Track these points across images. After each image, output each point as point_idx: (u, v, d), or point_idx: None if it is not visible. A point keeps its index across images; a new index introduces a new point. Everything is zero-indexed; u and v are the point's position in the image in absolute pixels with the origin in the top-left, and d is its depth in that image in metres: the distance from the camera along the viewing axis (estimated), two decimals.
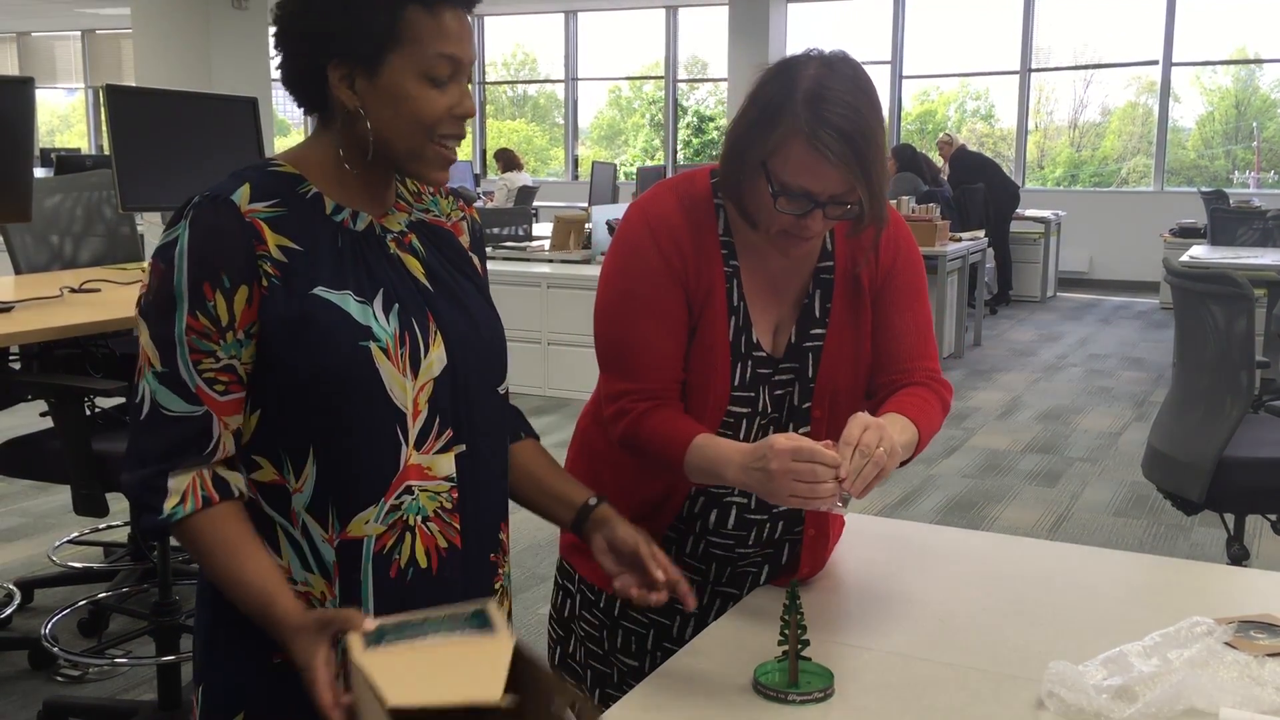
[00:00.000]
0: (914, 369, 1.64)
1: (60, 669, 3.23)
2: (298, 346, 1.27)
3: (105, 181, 3.84)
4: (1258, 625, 1.48)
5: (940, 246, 7.53)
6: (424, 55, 1.27)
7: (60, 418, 2.75)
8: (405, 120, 1.29)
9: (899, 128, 13.85)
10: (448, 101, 1.30)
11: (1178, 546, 4.37)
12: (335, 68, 1.28)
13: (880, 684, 1.37)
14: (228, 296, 1.25)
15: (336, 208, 1.34)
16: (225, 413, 1.28)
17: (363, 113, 1.29)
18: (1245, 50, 13.26)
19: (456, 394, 1.37)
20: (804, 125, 1.42)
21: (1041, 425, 6.25)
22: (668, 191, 1.62)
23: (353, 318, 1.29)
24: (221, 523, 1.27)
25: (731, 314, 1.59)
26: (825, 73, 1.45)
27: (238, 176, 1.31)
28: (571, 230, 7.28)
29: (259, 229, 1.27)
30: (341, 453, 1.30)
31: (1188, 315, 3.28)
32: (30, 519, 4.53)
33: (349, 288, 1.30)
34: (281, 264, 1.28)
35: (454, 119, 1.32)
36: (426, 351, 1.34)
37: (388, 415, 1.31)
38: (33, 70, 18.19)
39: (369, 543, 1.33)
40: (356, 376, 1.28)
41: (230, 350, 1.26)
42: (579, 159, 16.11)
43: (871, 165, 1.44)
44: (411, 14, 1.26)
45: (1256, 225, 8.02)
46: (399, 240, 1.38)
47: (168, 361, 1.26)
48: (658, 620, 1.73)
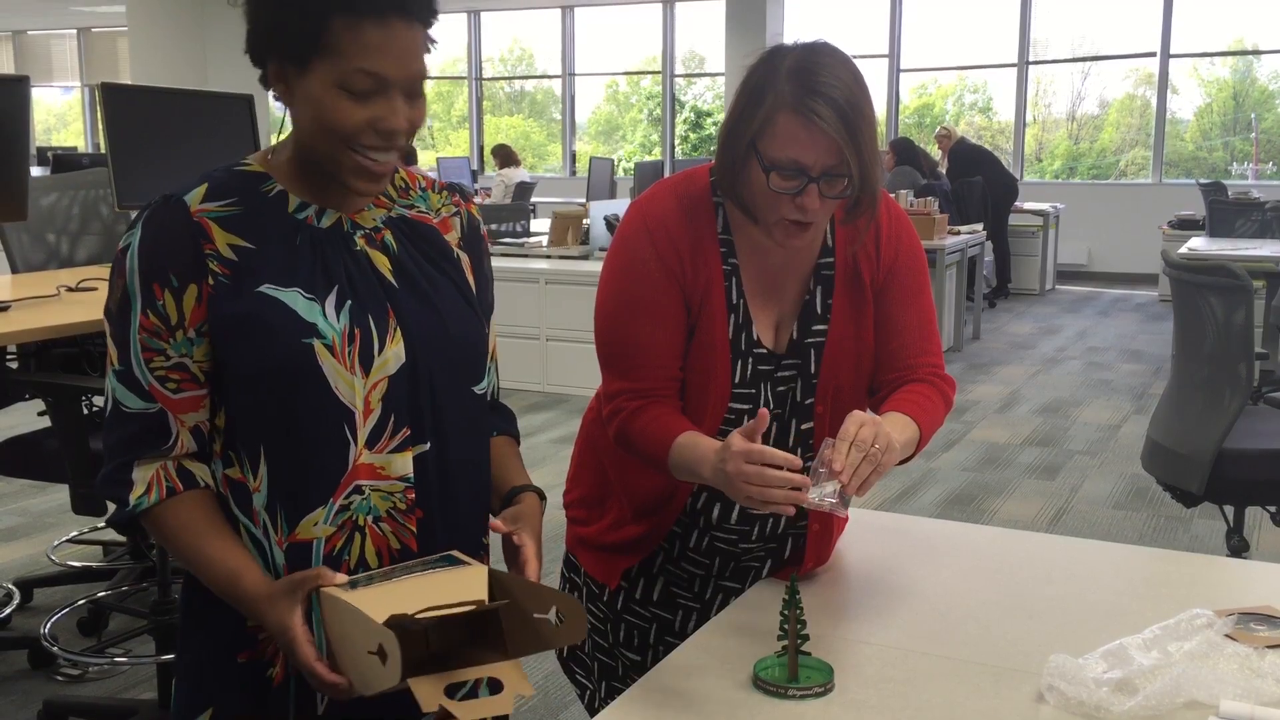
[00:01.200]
0: (917, 365, 1.64)
1: (60, 668, 3.23)
2: (243, 343, 1.28)
3: (101, 180, 3.83)
4: (1258, 617, 1.47)
5: (939, 240, 7.53)
6: (343, 67, 1.25)
7: (58, 416, 2.74)
8: (320, 127, 1.28)
9: (896, 121, 13.84)
10: (367, 114, 1.27)
11: (1177, 539, 4.37)
12: (272, 63, 1.29)
13: (880, 678, 1.37)
14: (176, 295, 1.27)
15: (301, 205, 1.34)
16: (180, 410, 1.29)
17: (292, 112, 1.30)
18: (1243, 41, 13.25)
19: (418, 392, 1.35)
20: (789, 96, 1.43)
21: (1041, 418, 6.25)
22: (667, 191, 1.62)
23: (298, 314, 1.29)
24: (186, 510, 1.29)
25: (731, 311, 1.59)
26: (808, 52, 1.47)
27: (202, 176, 1.33)
28: (569, 226, 7.27)
29: (206, 228, 1.29)
30: (289, 452, 1.30)
31: (1186, 307, 3.28)
32: (29, 518, 4.52)
33: (298, 285, 1.30)
34: (230, 262, 1.29)
35: (376, 132, 1.28)
36: (381, 348, 1.32)
37: (335, 413, 1.30)
38: (28, 68, 18.18)
39: (318, 545, 1.32)
40: (299, 373, 1.28)
41: (180, 349, 1.28)
42: (576, 154, 16.10)
43: (860, 133, 1.44)
44: (337, 24, 1.24)
45: (1255, 216, 8.02)
46: (369, 237, 1.37)
47: (124, 360, 1.29)
48: (660, 615, 1.73)
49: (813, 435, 1.66)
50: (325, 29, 1.24)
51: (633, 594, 1.74)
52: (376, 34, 1.25)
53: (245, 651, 1.34)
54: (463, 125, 17.16)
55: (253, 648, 1.34)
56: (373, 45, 1.25)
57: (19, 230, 3.68)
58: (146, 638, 3.31)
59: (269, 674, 1.34)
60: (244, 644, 1.34)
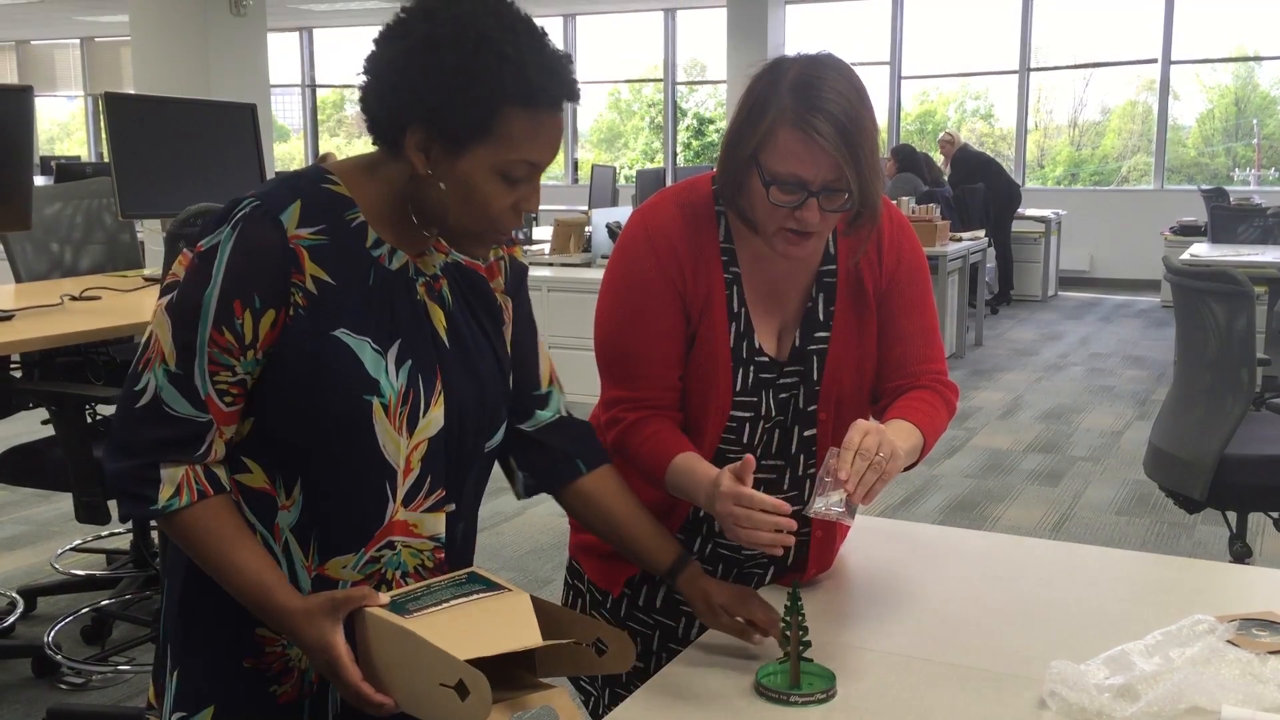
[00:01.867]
0: (920, 372, 1.64)
1: (63, 676, 3.23)
2: (308, 382, 1.26)
3: (105, 189, 3.84)
4: (1260, 623, 1.47)
5: (941, 247, 7.53)
6: (507, 157, 1.24)
7: (61, 425, 2.75)
8: (473, 207, 1.27)
9: (898, 128, 13.85)
10: (514, 198, 1.28)
11: (1180, 545, 4.37)
12: (416, 131, 1.24)
13: (882, 684, 1.37)
14: (256, 317, 1.24)
15: (377, 241, 1.31)
16: (226, 423, 1.28)
17: (432, 180, 1.26)
18: (1244, 48, 13.26)
19: (450, 455, 1.36)
20: (790, 110, 1.43)
21: (1043, 425, 6.24)
22: (669, 200, 1.62)
23: (364, 368, 1.28)
24: (215, 515, 1.27)
25: (732, 320, 1.60)
26: (811, 64, 1.47)
27: (292, 188, 1.28)
28: (571, 233, 7.28)
29: (299, 257, 1.25)
30: (326, 495, 1.30)
31: (1188, 313, 3.28)
32: (32, 527, 4.53)
33: (369, 334, 1.29)
34: (312, 295, 1.26)
35: (516, 213, 1.29)
36: (426, 410, 1.32)
37: (378, 470, 1.30)
38: (32, 78, 18.23)
39: (343, 585, 1.32)
40: (353, 428, 1.28)
41: (247, 367, 1.26)
42: (578, 162, 16.11)
43: (860, 149, 1.44)
44: (510, 113, 1.22)
45: (1257, 222, 8.02)
46: (429, 285, 1.36)
47: (184, 364, 1.25)
48: (662, 622, 1.73)
49: (815, 442, 1.66)
50: (497, 118, 1.22)
51: (635, 601, 1.74)
52: (548, 126, 1.25)
53: (250, 657, 1.34)
54: None
55: (258, 656, 1.34)
56: (541, 138, 1.25)
57: (23, 239, 3.68)
58: (150, 646, 3.31)
59: (273, 690, 1.34)
60: (249, 650, 1.34)
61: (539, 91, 1.22)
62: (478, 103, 1.21)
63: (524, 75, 1.21)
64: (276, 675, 1.34)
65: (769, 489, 1.66)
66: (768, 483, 1.67)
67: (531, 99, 1.22)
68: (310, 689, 1.36)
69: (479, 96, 1.21)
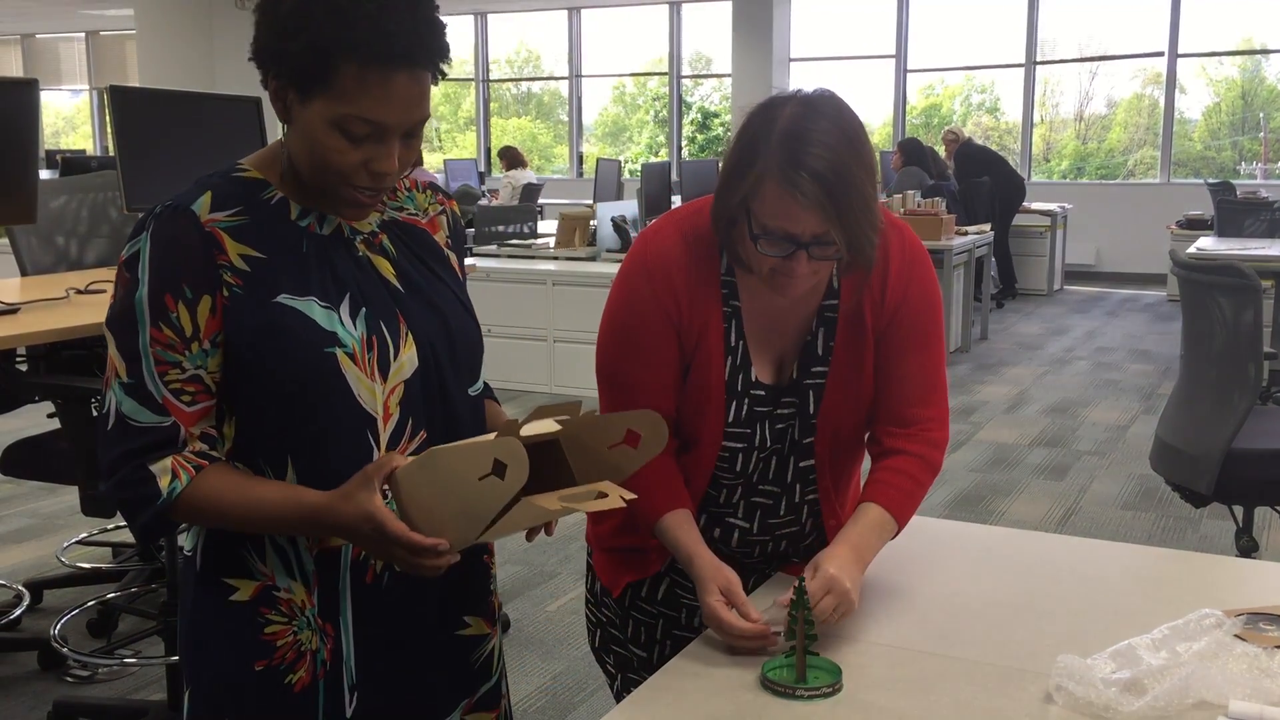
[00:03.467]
0: (910, 419, 1.62)
1: (70, 669, 3.24)
2: (264, 355, 1.27)
3: (110, 183, 3.84)
4: (1267, 617, 1.47)
5: (946, 241, 7.52)
6: (343, 111, 1.23)
7: (67, 419, 2.76)
8: (316, 160, 1.28)
9: (904, 122, 13.82)
10: (361, 156, 1.27)
11: (1186, 539, 4.36)
12: (271, 79, 1.27)
13: (888, 678, 1.37)
14: (190, 307, 1.26)
15: (302, 211, 1.33)
16: (191, 422, 1.29)
17: (287, 130, 1.29)
18: (1251, 41, 13.21)
19: (429, 395, 1.37)
20: (777, 166, 1.40)
21: (1049, 419, 6.23)
22: (672, 225, 1.60)
23: (317, 324, 1.29)
24: (218, 475, 1.28)
25: (728, 354, 1.59)
26: (803, 111, 1.43)
27: (201, 184, 1.31)
28: (576, 227, 7.27)
29: (219, 238, 1.27)
30: (315, 459, 1.31)
31: (1195, 307, 3.27)
32: (38, 520, 4.54)
33: (313, 293, 1.30)
34: (244, 273, 1.28)
35: (368, 173, 1.28)
36: (396, 354, 1.33)
37: (358, 420, 1.31)
38: (37, 72, 18.25)
39: (346, 550, 1.34)
40: (324, 383, 1.28)
41: (196, 360, 1.27)
42: (583, 156, 16.10)
43: (847, 206, 1.40)
44: (343, 66, 1.22)
45: (1264, 216, 7.99)
46: (368, 241, 1.37)
47: (134, 373, 1.27)
48: (666, 612, 1.73)
49: (813, 471, 1.66)
50: (331, 69, 1.22)
51: (639, 593, 1.74)
52: (380, 84, 1.23)
53: (261, 660, 1.34)
54: (469, 127, 17.17)
55: (268, 656, 1.34)
56: (376, 95, 1.23)
57: (28, 233, 3.69)
58: (156, 639, 3.32)
59: (288, 681, 1.35)
60: (260, 652, 1.34)
61: (364, 45, 1.21)
62: (309, 51, 1.22)
63: (351, 28, 1.21)
64: (290, 664, 1.35)
65: (765, 514, 1.66)
66: (764, 508, 1.67)
67: (356, 52, 1.21)
68: (324, 668, 1.36)
69: (309, 45, 1.22)
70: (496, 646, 1.54)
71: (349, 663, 1.37)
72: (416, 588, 1.39)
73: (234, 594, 1.34)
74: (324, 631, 1.35)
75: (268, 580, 1.34)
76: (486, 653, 1.51)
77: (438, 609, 1.43)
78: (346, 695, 1.37)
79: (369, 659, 1.38)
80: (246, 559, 1.34)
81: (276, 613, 1.34)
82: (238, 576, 1.34)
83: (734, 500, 1.66)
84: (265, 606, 1.34)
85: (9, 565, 4.05)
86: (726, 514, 1.67)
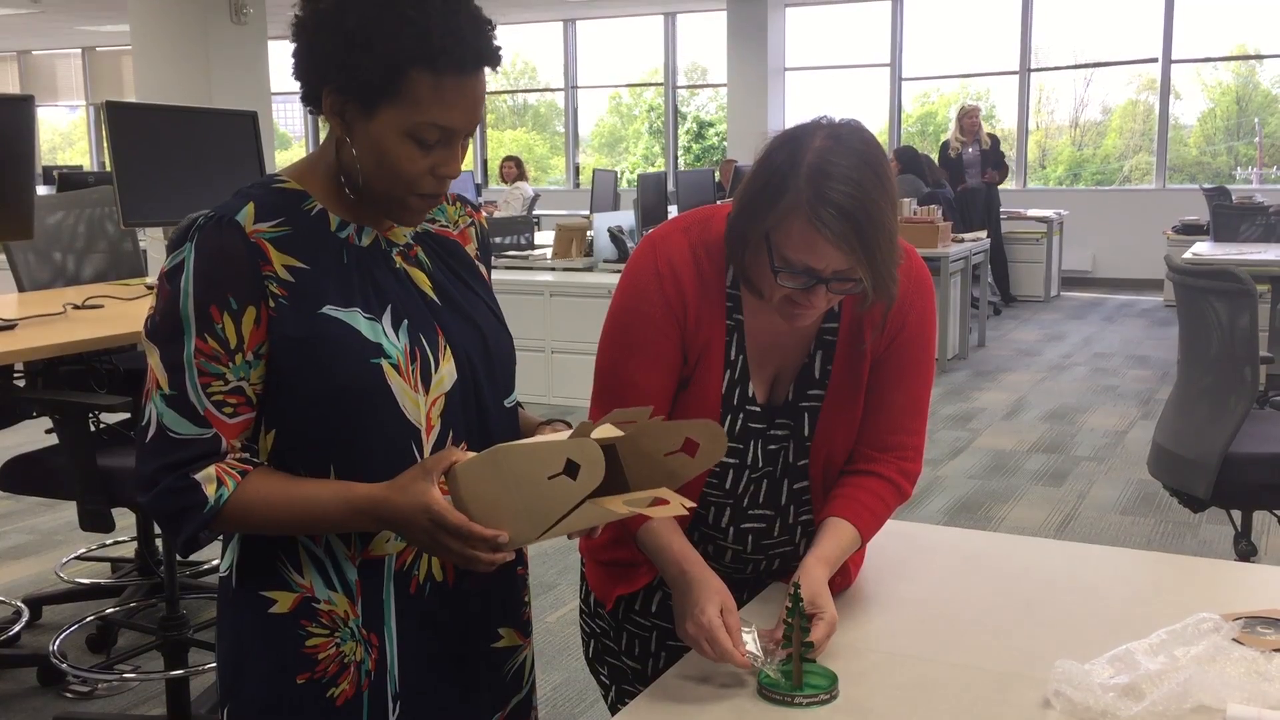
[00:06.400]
0: (889, 445, 1.63)
1: (69, 685, 3.23)
2: (309, 366, 1.27)
3: (107, 198, 3.85)
4: (1265, 621, 1.47)
5: (942, 248, 7.53)
6: (416, 119, 1.25)
7: (65, 434, 2.75)
8: (386, 170, 1.28)
9: (899, 130, 13.84)
10: (430, 162, 1.28)
11: (1185, 544, 4.36)
12: (330, 94, 1.27)
13: (885, 685, 1.37)
14: (235, 318, 1.25)
15: (341, 223, 1.34)
16: (233, 434, 1.28)
17: (349, 144, 1.28)
18: (1245, 46, 13.24)
19: (468, 408, 1.37)
20: (805, 202, 1.39)
21: (1047, 425, 6.24)
22: (680, 233, 1.59)
23: (362, 335, 1.29)
24: (264, 479, 1.28)
25: (728, 368, 1.59)
26: (831, 145, 1.42)
27: (242, 195, 1.31)
28: (574, 238, 7.28)
29: (264, 249, 1.27)
30: (359, 471, 1.30)
31: (1191, 312, 3.28)
32: (37, 536, 4.53)
33: (357, 305, 1.30)
34: (288, 283, 1.27)
35: (435, 178, 1.30)
36: (437, 366, 1.34)
37: (402, 432, 1.31)
38: (34, 88, 18.25)
39: (389, 561, 1.34)
40: (369, 394, 1.28)
41: (239, 372, 1.26)
42: (580, 167, 16.12)
43: (875, 244, 1.40)
44: (415, 75, 1.23)
45: (1259, 221, 8.00)
46: (404, 254, 1.38)
47: (176, 385, 1.26)
48: (659, 624, 1.73)
49: (808, 493, 1.66)
50: (403, 79, 1.23)
51: (632, 606, 1.74)
52: (455, 90, 1.24)
53: (304, 673, 1.33)
54: None
55: (310, 669, 1.34)
56: (449, 101, 1.25)
57: (25, 249, 3.69)
58: (155, 654, 3.31)
59: (330, 694, 1.34)
60: (302, 666, 1.33)
61: (441, 54, 1.22)
62: (381, 63, 1.23)
63: (426, 37, 1.22)
64: (333, 677, 1.34)
65: (758, 537, 1.66)
66: (757, 531, 1.66)
67: (434, 61, 1.22)
68: (368, 678, 1.35)
69: (381, 57, 1.22)
70: (528, 658, 1.54)
71: (393, 672, 1.36)
72: (456, 599, 1.39)
73: (272, 606, 1.33)
74: (369, 642, 1.35)
75: (306, 592, 1.33)
76: (518, 664, 1.51)
77: (474, 620, 1.43)
78: (390, 705, 1.37)
79: (411, 669, 1.38)
80: (282, 570, 1.33)
81: (317, 625, 1.33)
82: (275, 589, 1.33)
83: (723, 524, 1.66)
84: (305, 619, 1.33)
85: (8, 581, 4.05)
86: (717, 537, 1.67)
